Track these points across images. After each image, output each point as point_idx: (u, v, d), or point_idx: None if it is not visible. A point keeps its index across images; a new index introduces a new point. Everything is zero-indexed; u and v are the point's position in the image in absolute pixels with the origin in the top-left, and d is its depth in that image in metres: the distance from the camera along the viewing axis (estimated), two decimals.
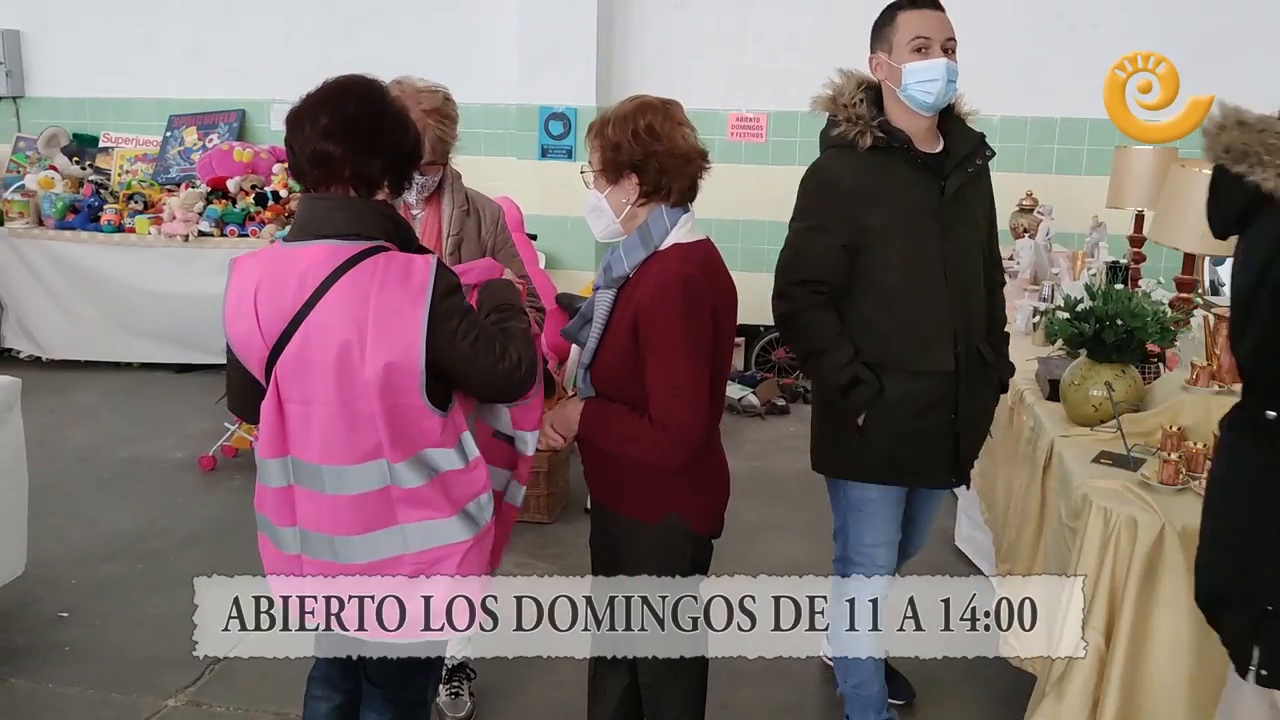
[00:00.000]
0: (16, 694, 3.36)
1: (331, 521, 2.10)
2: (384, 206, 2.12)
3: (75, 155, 7.87)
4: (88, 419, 6.12)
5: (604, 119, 2.32)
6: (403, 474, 2.05)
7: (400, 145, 2.12)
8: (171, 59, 7.92)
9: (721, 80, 7.16)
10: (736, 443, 5.89)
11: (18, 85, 8.16)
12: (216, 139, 7.75)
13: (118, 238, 6.98)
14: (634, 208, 2.32)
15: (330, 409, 2.03)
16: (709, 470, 2.44)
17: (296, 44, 7.58)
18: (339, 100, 2.06)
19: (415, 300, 1.98)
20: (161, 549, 4.42)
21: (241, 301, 2.07)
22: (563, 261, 7.16)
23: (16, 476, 3.62)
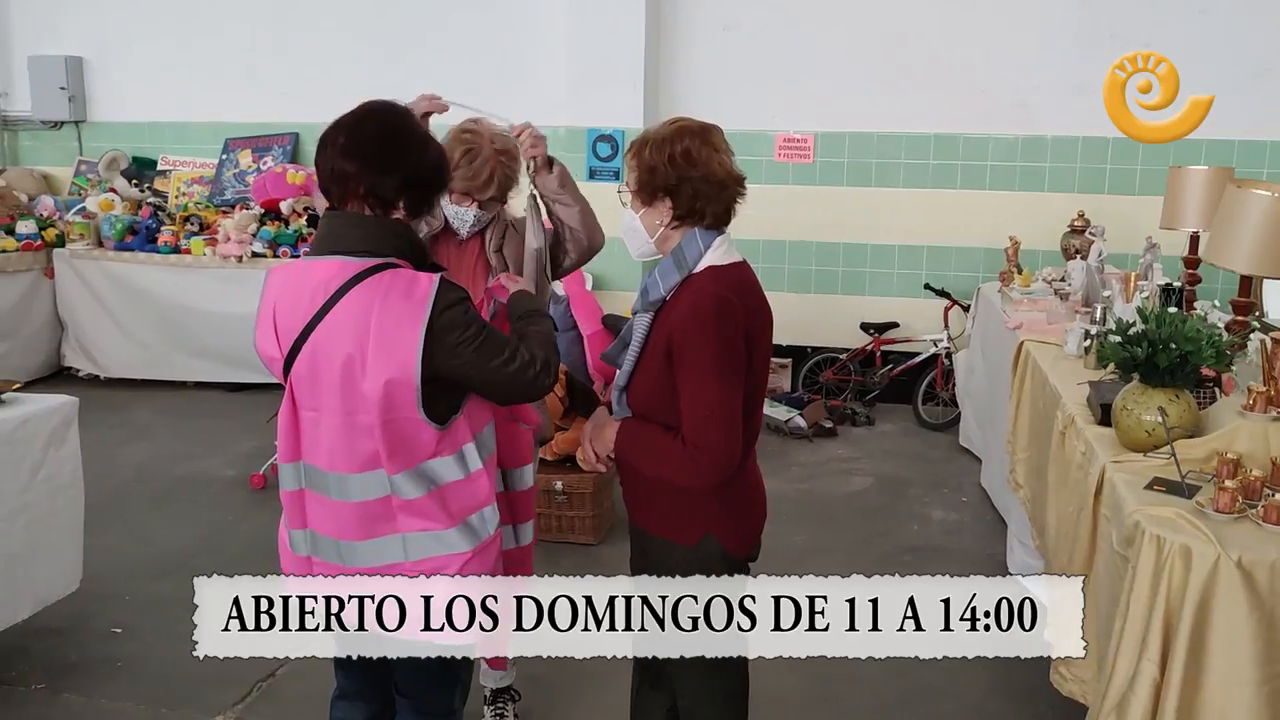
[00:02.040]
0: (70, 709, 3.42)
1: (338, 526, 2.19)
2: (398, 224, 2.17)
3: (134, 178, 8.05)
4: (143, 437, 6.23)
5: (643, 140, 2.33)
6: (401, 485, 2.12)
7: (418, 165, 2.17)
8: (228, 83, 8.08)
9: (768, 101, 7.17)
10: (783, 465, 5.86)
11: (80, 110, 8.37)
12: (270, 161, 7.89)
13: (174, 258, 7.12)
14: (667, 230, 2.32)
15: (335, 418, 2.12)
16: (745, 492, 2.43)
17: (349, 68, 7.69)
18: (360, 122, 2.15)
19: (415, 315, 2.05)
20: (212, 566, 4.43)
21: (266, 312, 2.19)
22: (610, 283, 7.18)
23: (73, 493, 3.70)
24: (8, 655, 3.63)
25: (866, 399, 7.02)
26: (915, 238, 7.13)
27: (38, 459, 3.51)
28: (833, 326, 7.21)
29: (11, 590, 3.45)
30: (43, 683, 3.54)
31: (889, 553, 4.74)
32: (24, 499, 3.47)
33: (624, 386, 2.36)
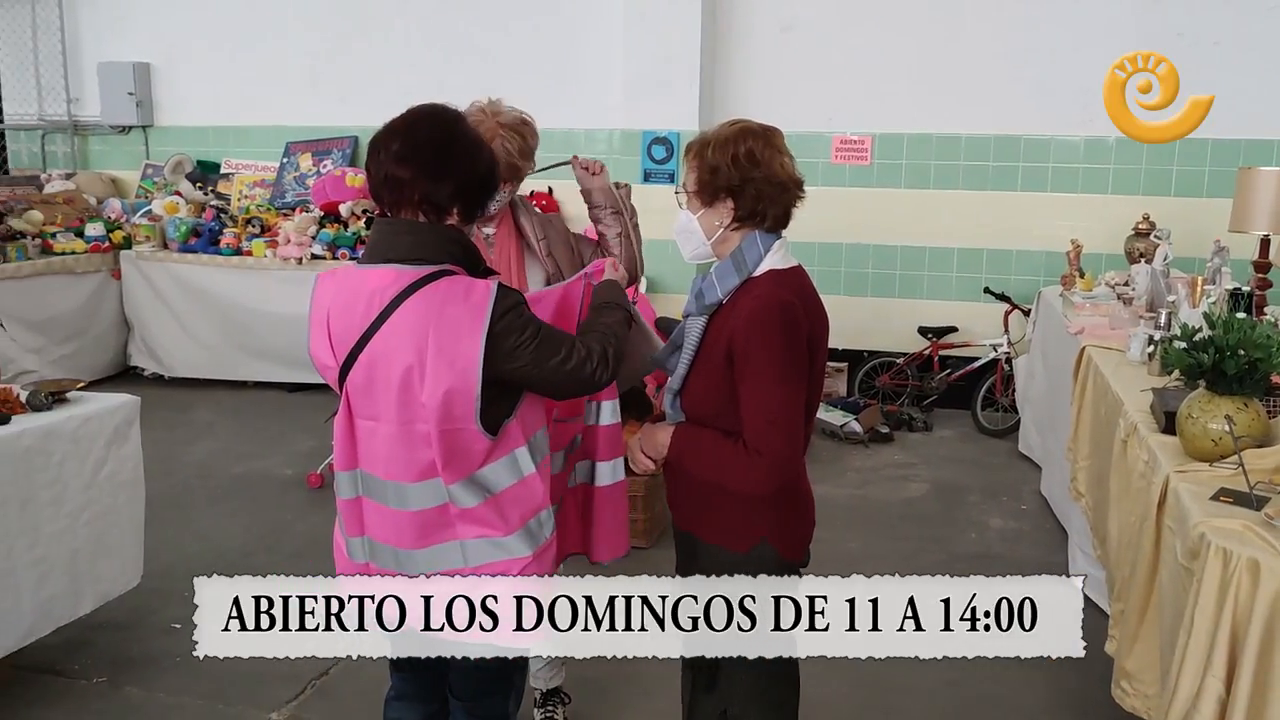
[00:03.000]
0: (130, 702, 3.48)
1: (396, 534, 2.18)
2: (452, 230, 2.16)
3: (198, 181, 8.21)
4: (204, 435, 6.34)
5: (704, 141, 2.31)
6: (458, 494, 2.12)
7: (471, 170, 2.15)
8: (289, 88, 8.21)
9: (825, 103, 7.11)
10: (837, 470, 5.80)
11: (147, 115, 8.55)
12: (330, 165, 7.99)
13: (236, 260, 7.25)
14: (726, 231, 2.30)
15: (392, 427, 2.10)
16: (797, 496, 2.40)
17: (407, 72, 7.77)
18: (412, 127, 2.12)
19: (474, 323, 2.03)
20: (269, 564, 4.54)
21: (319, 319, 2.17)
22: (664, 286, 7.17)
23: (135, 491, 3.77)
24: (71, 648, 3.70)
25: (924, 404, 6.93)
26: (975, 241, 7.03)
27: (101, 456, 3.59)
28: (889, 330, 7.13)
29: (75, 585, 3.53)
30: (104, 675, 3.61)
31: (945, 561, 4.67)
32: (87, 495, 3.54)
33: (678, 390, 2.35)
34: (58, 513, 3.44)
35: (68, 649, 3.70)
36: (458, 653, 2.27)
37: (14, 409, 3.39)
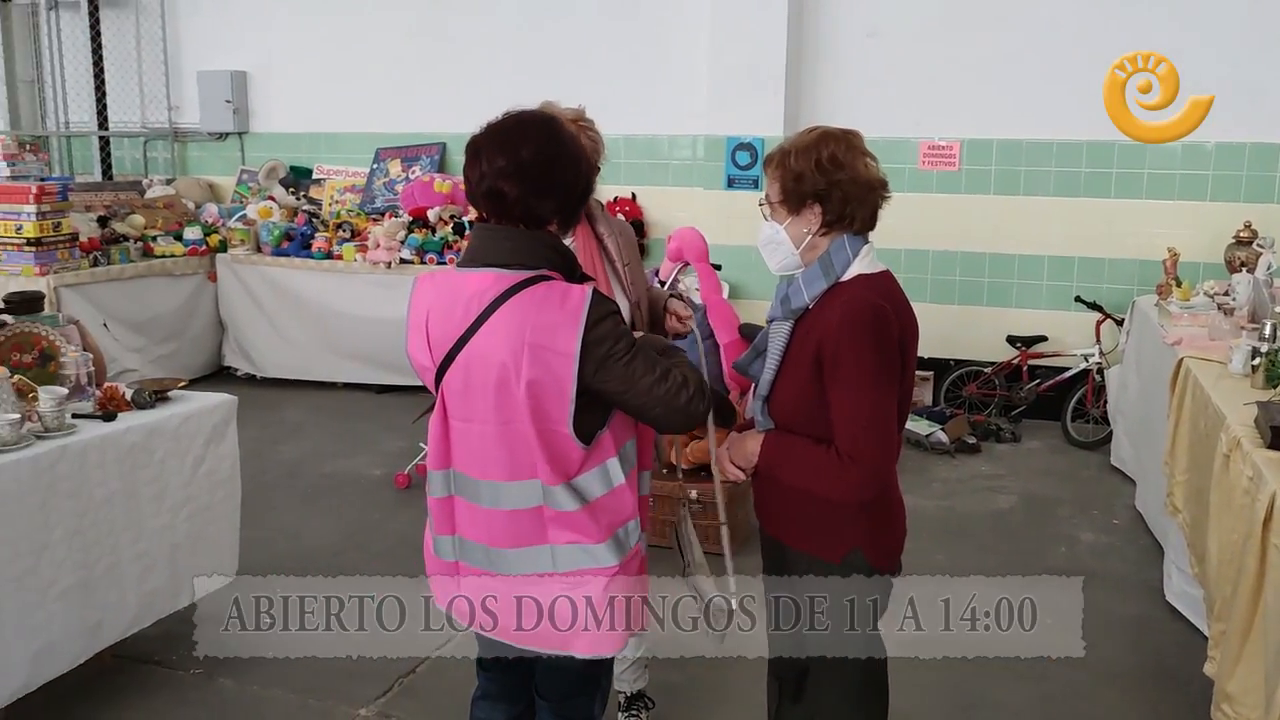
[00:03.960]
0: (224, 694, 3.58)
1: (488, 533, 2.21)
2: (550, 237, 2.19)
3: (291, 186, 8.42)
4: (295, 435, 6.49)
5: (784, 150, 2.30)
6: (556, 496, 2.13)
7: (573, 185, 2.18)
8: (379, 95, 8.38)
9: (913, 108, 7.03)
10: (923, 481, 5.72)
11: (243, 122, 8.80)
12: (419, 171, 8.13)
13: (327, 264, 7.41)
14: (815, 238, 2.29)
15: (489, 428, 2.13)
16: (890, 504, 2.37)
17: (494, 79, 7.87)
18: (515, 141, 2.12)
19: (569, 327, 2.04)
20: (357, 563, 4.63)
21: (417, 320, 2.21)
22: (747, 291, 7.16)
23: (231, 488, 3.87)
24: (170, 640, 3.81)
25: (1012, 414, 6.79)
26: (1066, 248, 6.87)
27: (199, 454, 3.69)
28: (977, 339, 7.01)
29: (174, 579, 3.64)
30: (200, 668, 3.71)
31: (1036, 575, 4.57)
32: (187, 492, 3.65)
33: (765, 397, 2.34)
34: (159, 508, 3.55)
35: (166, 641, 3.80)
36: (545, 653, 2.29)
37: (120, 406, 3.51)
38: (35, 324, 3.60)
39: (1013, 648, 3.90)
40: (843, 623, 2.34)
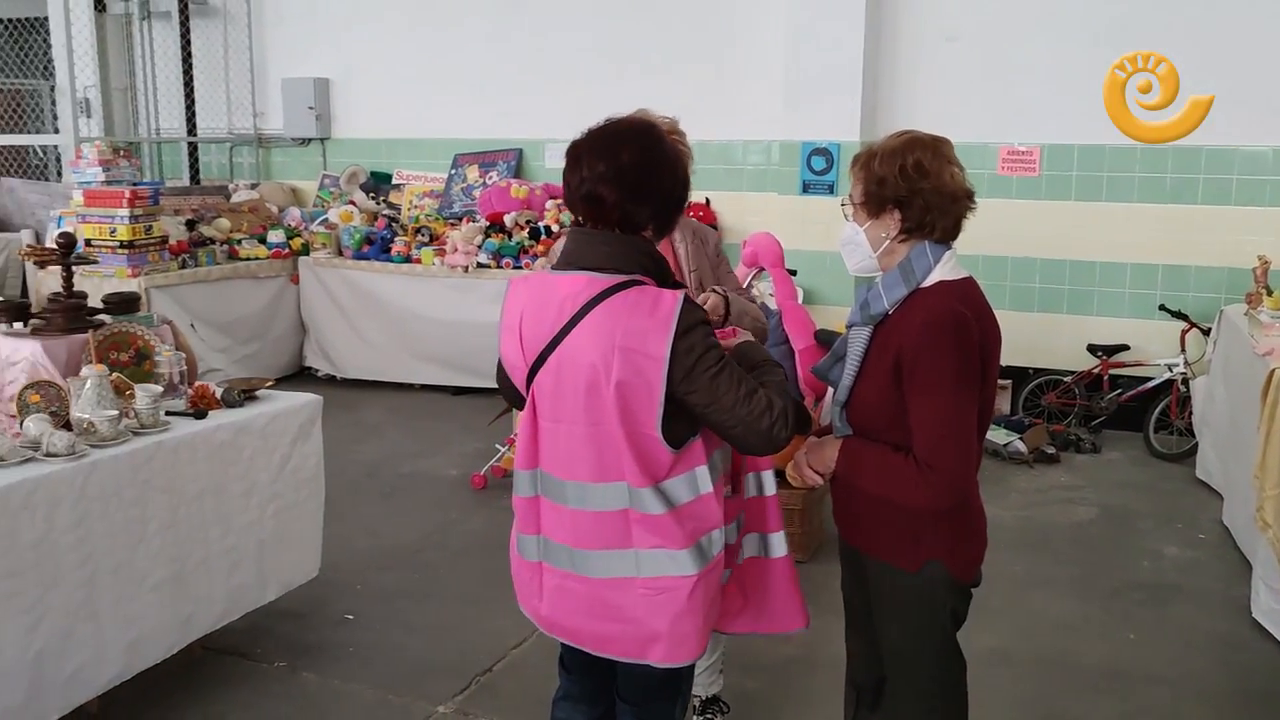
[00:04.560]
0: (306, 687, 3.66)
1: (573, 534, 2.22)
2: (644, 243, 2.21)
3: (371, 191, 8.58)
4: (374, 435, 6.62)
5: (870, 152, 2.30)
6: (643, 499, 2.14)
7: (670, 192, 2.21)
8: (458, 102, 8.50)
9: (991, 113, 6.94)
10: (1001, 491, 5.64)
11: (325, 128, 8.99)
12: (496, 176, 8.23)
13: (405, 268, 7.54)
14: (893, 243, 2.28)
15: (578, 428, 2.15)
16: (970, 515, 2.35)
17: (570, 86, 7.94)
18: (616, 147, 2.16)
19: (660, 332, 2.06)
20: (435, 561, 4.71)
21: (511, 321, 2.25)
22: (822, 297, 7.12)
23: (315, 486, 3.97)
24: (255, 634, 3.91)
25: (1092, 425, 6.67)
26: (1150, 255, 6.73)
27: (286, 452, 3.79)
28: (1056, 347, 6.89)
29: (260, 574, 3.74)
30: (284, 661, 3.80)
31: (1117, 589, 4.48)
32: (274, 489, 3.75)
33: (844, 403, 2.33)
34: (247, 504, 3.65)
35: (251, 634, 3.91)
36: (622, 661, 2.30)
37: (210, 405, 3.62)
38: (132, 324, 3.73)
39: (1094, 661, 3.84)
40: (921, 632, 2.33)
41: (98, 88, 9.12)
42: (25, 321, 3.72)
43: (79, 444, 3.12)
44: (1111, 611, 4.27)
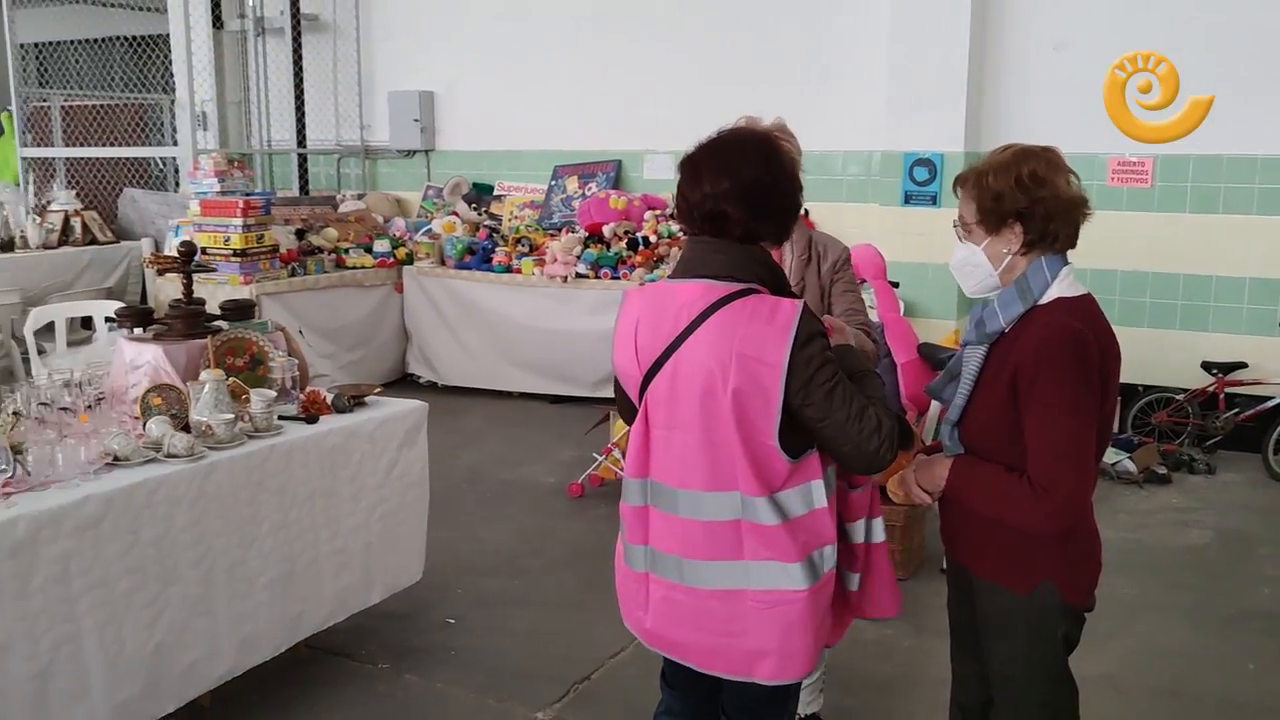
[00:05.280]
0: (409, 689, 3.73)
1: (682, 544, 2.20)
2: (761, 252, 2.21)
3: (473, 202, 8.73)
4: (474, 442, 6.72)
5: (980, 170, 2.26)
6: (757, 509, 2.12)
7: (789, 205, 2.21)
8: (557, 115, 8.61)
9: (1101, 123, 6.74)
10: (1109, 511, 5.48)
11: (430, 140, 9.19)
12: (595, 187, 8.31)
13: (506, 277, 7.64)
14: (1014, 258, 2.24)
15: (692, 436, 2.14)
16: (1084, 536, 2.29)
17: (669, 98, 7.98)
18: (736, 162, 2.16)
19: (778, 341, 2.05)
20: (534, 568, 4.76)
21: (625, 331, 2.26)
22: (924, 310, 7.01)
23: (420, 491, 4.04)
24: (360, 635, 4.00)
25: (1206, 445, 6.43)
26: (1271, 270, 6.47)
27: (393, 457, 3.87)
28: (1168, 364, 6.67)
29: (367, 575, 3.82)
30: (388, 663, 3.88)
31: (1234, 617, 4.31)
32: (380, 493, 3.83)
33: (956, 421, 2.29)
34: (355, 507, 3.74)
35: (356, 635, 4.00)
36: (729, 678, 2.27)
37: (321, 410, 3.72)
38: (247, 330, 3.85)
39: (1211, 692, 3.70)
40: (1031, 655, 2.27)
41: (214, 102, 9.45)
42: (148, 327, 3.87)
43: (198, 446, 3.24)
44: (1229, 640, 4.11)
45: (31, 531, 2.77)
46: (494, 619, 4.23)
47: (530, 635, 4.09)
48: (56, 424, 3.19)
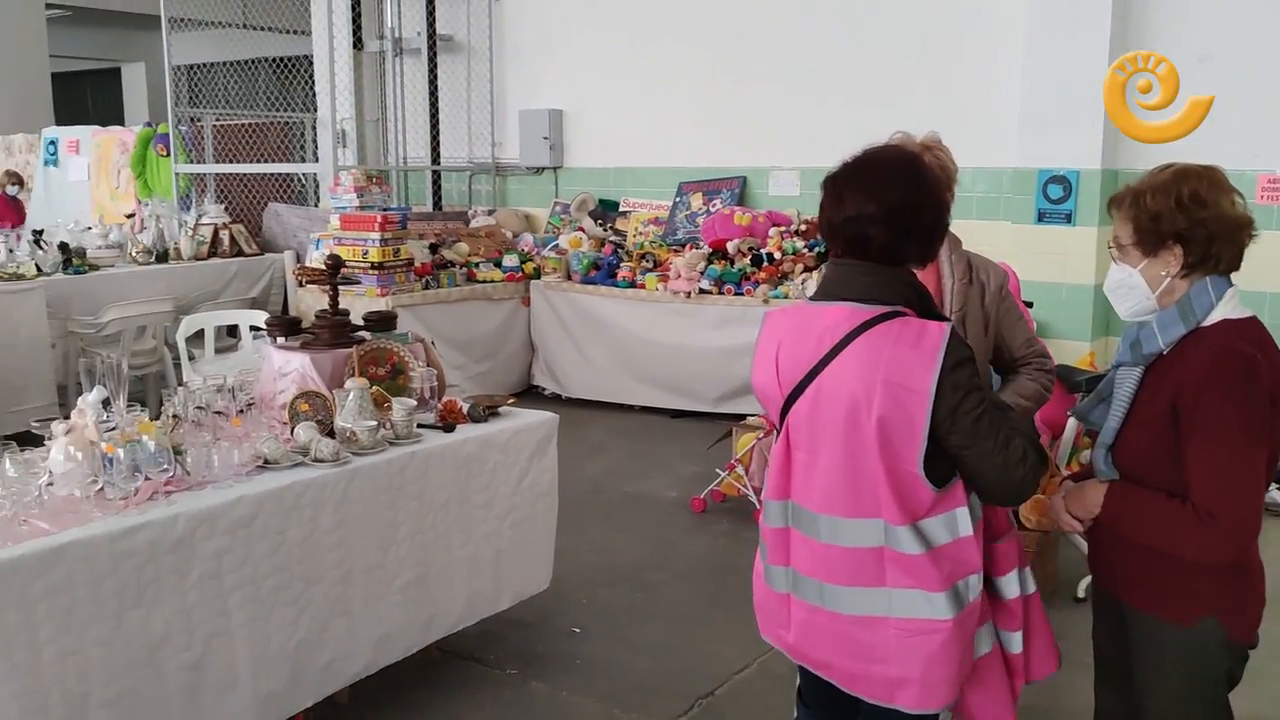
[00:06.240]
0: (535, 696, 3.80)
1: (824, 569, 2.18)
2: (906, 274, 2.18)
3: (599, 218, 8.86)
4: (598, 454, 6.80)
5: (1136, 190, 2.21)
6: (900, 538, 2.08)
7: (935, 225, 2.18)
8: (683, 132, 8.68)
9: (1249, 138, 6.46)
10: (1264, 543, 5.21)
11: (558, 157, 9.36)
12: (719, 204, 8.34)
13: (630, 292, 7.73)
14: (1174, 280, 2.18)
15: (835, 461, 2.12)
16: (1249, 568, 2.21)
17: (796, 114, 7.97)
18: (882, 184, 2.13)
19: (926, 365, 2.01)
20: (657, 581, 4.79)
21: (766, 352, 2.25)
22: (1057, 331, 6.83)
23: (550, 500, 4.12)
24: (488, 641, 4.09)
25: None
26: None
27: (524, 467, 3.96)
28: None
29: (497, 582, 3.91)
30: (515, 669, 3.96)
31: None
32: (512, 501, 3.92)
33: (1110, 445, 2.23)
34: (488, 515, 3.83)
35: (484, 640, 4.09)
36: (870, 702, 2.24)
37: (458, 419, 3.82)
38: (389, 340, 3.99)
39: None
40: (1190, 693, 2.19)
41: (353, 120, 9.82)
42: (296, 336, 4.04)
43: (343, 451, 3.37)
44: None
45: (190, 529, 2.93)
46: (618, 630, 4.27)
47: (653, 648, 4.12)
48: (211, 427, 3.36)
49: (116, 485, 2.89)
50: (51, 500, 2.89)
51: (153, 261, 7.76)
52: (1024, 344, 2.88)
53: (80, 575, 2.69)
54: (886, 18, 7.73)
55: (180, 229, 8.19)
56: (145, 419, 3.20)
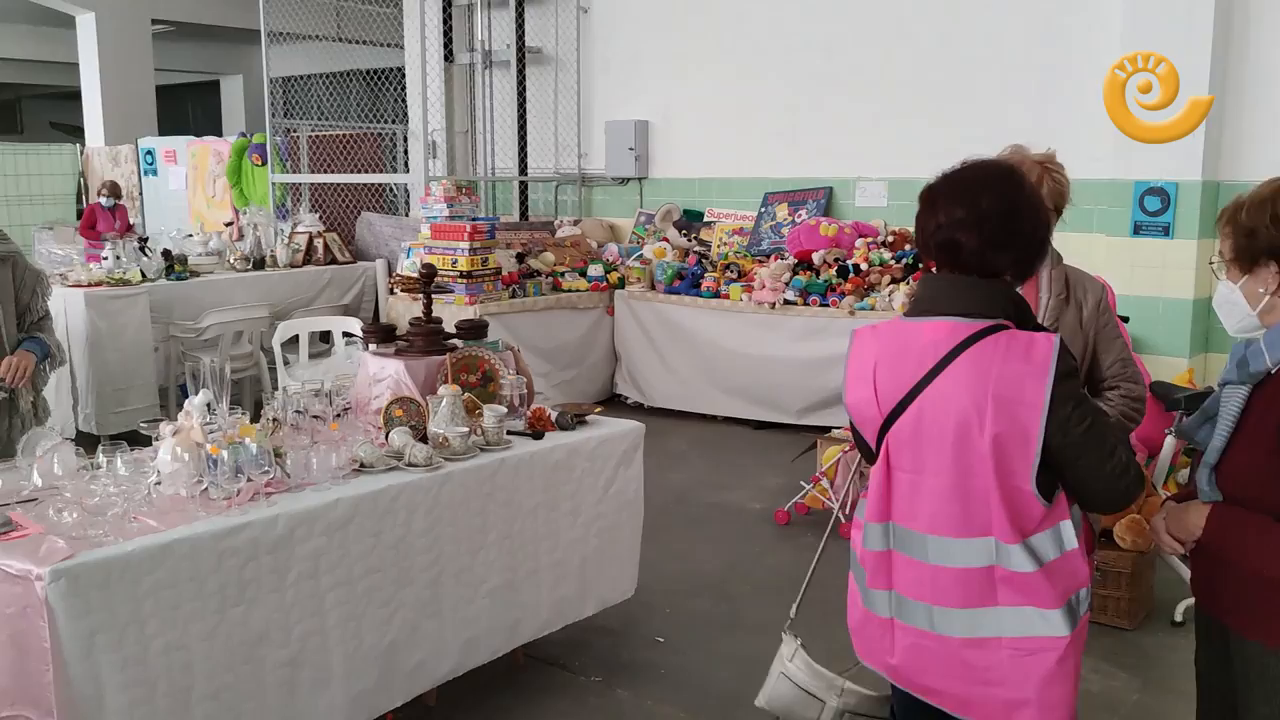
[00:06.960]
0: (621, 703, 3.82)
1: (932, 591, 2.14)
2: (1005, 287, 2.14)
3: (684, 229, 8.88)
4: (681, 463, 6.81)
5: (1237, 204, 2.15)
6: (1012, 556, 2.05)
7: (1031, 238, 2.13)
8: (768, 142, 8.67)
9: None
10: None
11: (644, 168, 9.42)
12: (805, 215, 8.30)
13: (714, 303, 7.73)
14: (1274, 298, 2.12)
15: (943, 480, 2.08)
16: None
17: (884, 124, 7.90)
18: (974, 192, 2.11)
19: (1037, 378, 1.98)
20: (740, 593, 4.78)
21: (861, 370, 2.20)
22: (1153, 346, 6.66)
23: (635, 509, 4.14)
24: (572, 647, 4.12)
25: None
26: None
27: (610, 475, 3.99)
28: None
29: (582, 589, 3.94)
30: (599, 676, 3.98)
31: None
32: (598, 509, 3.95)
33: (1214, 465, 2.17)
34: (574, 521, 3.87)
35: (569, 646, 4.12)
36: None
37: (546, 426, 3.87)
38: (480, 349, 4.06)
39: None
40: None
41: (443, 131, 10.00)
42: (390, 343, 4.13)
43: (436, 456, 3.43)
44: None
45: (289, 529, 3.01)
46: (702, 640, 4.27)
47: (738, 659, 4.10)
48: (309, 430, 3.45)
49: (220, 486, 2.99)
50: (159, 499, 3.00)
51: (250, 268, 7.99)
52: (1115, 364, 2.80)
53: (185, 572, 2.78)
54: (978, 29, 7.64)
55: (276, 237, 8.42)
56: (246, 422, 3.30)
